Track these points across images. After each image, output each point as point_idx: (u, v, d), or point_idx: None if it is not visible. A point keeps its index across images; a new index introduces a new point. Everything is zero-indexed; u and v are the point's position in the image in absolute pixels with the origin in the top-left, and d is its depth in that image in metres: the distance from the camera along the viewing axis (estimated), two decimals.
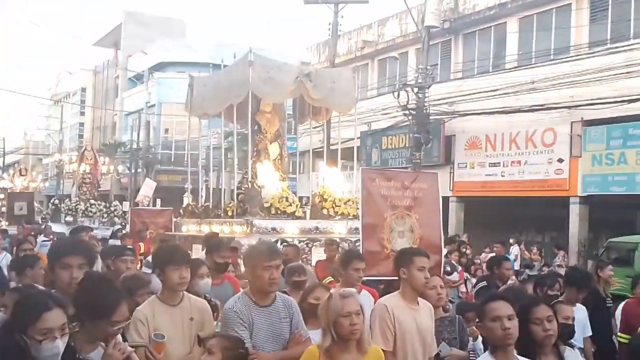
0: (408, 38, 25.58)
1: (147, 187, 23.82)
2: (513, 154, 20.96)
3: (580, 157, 19.06)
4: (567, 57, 19.24)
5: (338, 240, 9.38)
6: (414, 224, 7.54)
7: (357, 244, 9.70)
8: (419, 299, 4.47)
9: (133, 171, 36.75)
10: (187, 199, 13.30)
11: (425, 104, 19.97)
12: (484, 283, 7.49)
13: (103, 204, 21.62)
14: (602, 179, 18.45)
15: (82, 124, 50.55)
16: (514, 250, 18.04)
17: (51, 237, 14.66)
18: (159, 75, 39.73)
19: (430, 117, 20.43)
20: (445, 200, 21.40)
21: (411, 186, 7.64)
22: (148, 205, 23.02)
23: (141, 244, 11.78)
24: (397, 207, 7.48)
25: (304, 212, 10.74)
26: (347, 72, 12.02)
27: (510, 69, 21.10)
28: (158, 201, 28.34)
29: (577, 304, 5.73)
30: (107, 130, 46.39)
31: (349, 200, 10.92)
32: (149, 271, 7.85)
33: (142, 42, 40.98)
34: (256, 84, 10.52)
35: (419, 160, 19.83)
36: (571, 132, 19.23)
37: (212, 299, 4.99)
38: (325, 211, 10.82)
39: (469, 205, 22.32)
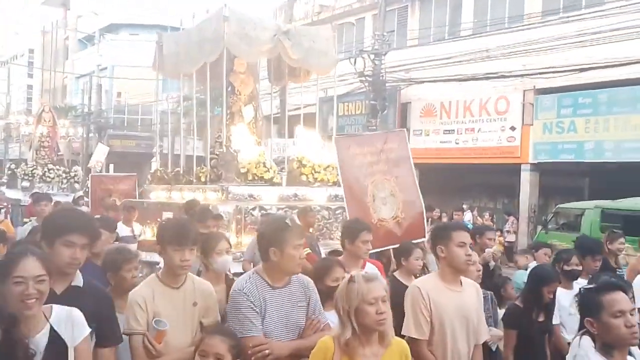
0: (365, 3, 25.45)
1: (100, 152, 23.39)
2: (467, 121, 21.25)
3: (532, 125, 19.45)
4: (521, 26, 19.45)
5: (318, 207, 9.10)
6: (393, 188, 7.24)
7: (337, 212, 9.58)
8: (463, 278, 3.95)
9: (85, 136, 35.95)
10: (155, 164, 12.69)
11: (382, 71, 20.01)
12: None
13: (62, 169, 20.38)
14: (553, 146, 18.90)
15: (30, 87, 49.08)
16: (467, 216, 18.42)
17: (5, 204, 14.16)
18: (111, 37, 38.69)
19: (387, 84, 20.50)
20: None
21: (384, 148, 7.30)
22: (101, 171, 22.63)
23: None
24: (375, 173, 7.17)
25: (281, 179, 10.29)
26: (326, 31, 11.31)
27: (465, 36, 21.24)
28: (111, 166, 27.83)
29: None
30: (57, 93, 45.09)
31: (328, 166, 10.39)
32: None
33: (92, 2, 39.73)
34: (231, 41, 9.82)
35: (375, 127, 19.91)
36: (523, 101, 19.58)
37: (231, 275, 4.50)
38: (304, 177, 10.32)
39: (423, 171, 22.48)
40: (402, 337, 3.59)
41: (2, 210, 13.16)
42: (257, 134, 11.04)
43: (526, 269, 6.44)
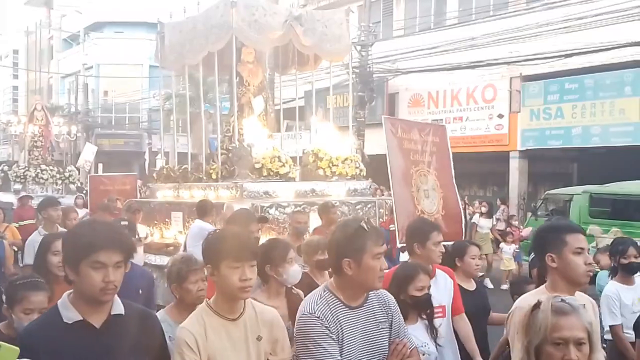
0: None
1: (89, 152, 23.27)
2: (455, 110, 21.27)
3: (519, 112, 19.49)
4: (506, 13, 19.46)
5: (337, 203, 8.50)
6: (435, 182, 6.77)
7: (357, 207, 9.14)
8: (578, 292, 3.10)
9: (73, 135, 35.75)
10: (160, 162, 12.23)
11: (369, 62, 19.98)
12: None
13: (56, 169, 19.53)
14: (540, 133, 18.96)
15: (15, 88, 48.67)
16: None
17: None
18: (96, 35, 38.43)
19: (374, 75, 20.48)
20: None
21: (427, 139, 6.88)
22: (89, 171, 22.50)
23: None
24: (419, 163, 6.71)
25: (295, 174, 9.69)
26: (339, 15, 10.65)
27: (450, 25, 21.23)
28: (100, 166, 27.75)
29: None
30: (43, 93, 44.74)
31: (346, 159, 9.86)
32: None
33: (76, 1, 39.44)
34: (240, 28, 9.18)
35: (363, 119, 19.92)
36: (510, 88, 19.62)
37: (295, 289, 3.95)
38: (320, 172, 9.70)
39: None
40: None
41: None
42: (269, 127, 10.38)
43: (609, 269, 5.65)
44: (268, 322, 2.86)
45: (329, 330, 2.74)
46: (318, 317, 2.76)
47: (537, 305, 2.28)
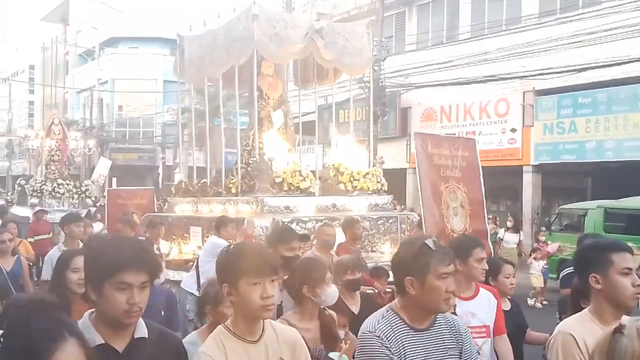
0: (362, 10, 25.51)
1: (103, 166, 23.44)
2: (467, 124, 21.26)
3: (533, 126, 19.45)
4: (518, 28, 19.48)
5: (358, 218, 8.24)
6: (464, 198, 6.58)
7: (379, 222, 9.09)
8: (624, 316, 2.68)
9: (88, 150, 36.10)
10: (179, 176, 12.17)
11: (381, 77, 20.03)
12: (571, 269, 6.45)
13: (72, 183, 19.47)
14: (554, 147, 18.89)
15: (31, 103, 49.26)
16: None
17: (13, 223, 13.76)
18: (111, 50, 38.85)
19: (386, 90, 20.53)
20: (403, 172, 21.62)
21: (457, 154, 6.68)
22: (103, 185, 22.64)
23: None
24: (449, 179, 6.52)
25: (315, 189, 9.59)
26: (360, 28, 10.52)
27: (463, 40, 21.28)
28: (114, 180, 27.92)
29: None
30: (58, 108, 45.21)
31: (367, 174, 9.74)
32: None
33: (92, 17, 39.93)
34: (261, 42, 9.07)
35: (375, 133, 19.92)
36: (523, 102, 19.60)
37: (327, 310, 3.77)
38: (341, 186, 9.58)
39: None
40: None
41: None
42: (289, 141, 10.27)
43: None
44: (290, 344, 2.65)
45: (390, 351, 2.60)
46: (379, 337, 2.63)
47: (618, 330, 1.96)
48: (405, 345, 2.64)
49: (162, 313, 4.04)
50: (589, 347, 2.46)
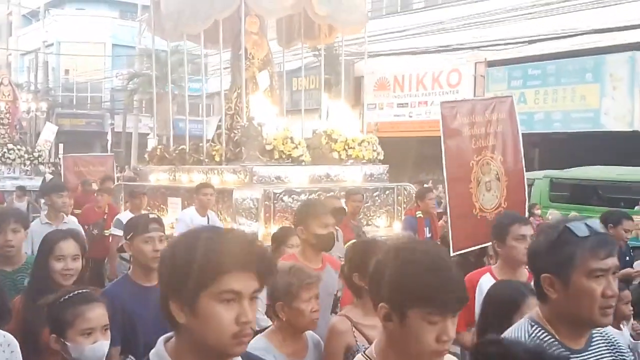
0: None
1: (49, 132, 22.74)
2: (420, 94, 21.40)
3: (484, 97, 19.70)
4: None
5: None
6: (499, 169, 5.78)
7: (374, 194, 8.49)
8: None
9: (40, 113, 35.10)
10: (153, 142, 11.29)
11: (335, 44, 19.90)
12: None
13: (24, 149, 18.04)
14: None
15: None
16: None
17: None
18: (57, 12, 37.53)
19: (340, 58, 20.41)
20: None
21: (491, 117, 5.84)
22: (50, 151, 22.02)
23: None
24: (481, 150, 5.71)
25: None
26: None
27: (417, 9, 21.28)
28: (60, 146, 27.25)
29: None
30: (0, 70, 43.68)
31: (363, 141, 9.07)
32: (120, 233, 6.38)
33: None
34: None
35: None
36: (475, 73, 19.79)
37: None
38: (335, 154, 8.88)
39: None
40: None
41: None
42: (276, 104, 9.43)
43: None
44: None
45: None
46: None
47: None
48: None
49: None
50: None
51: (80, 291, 2.61)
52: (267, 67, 9.48)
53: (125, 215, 7.29)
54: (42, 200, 12.38)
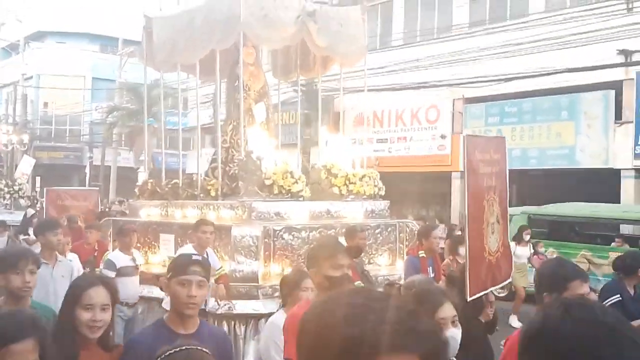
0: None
1: (26, 164, 22.56)
2: (399, 130, 21.58)
3: (462, 133, 19.90)
4: (449, 37, 19.93)
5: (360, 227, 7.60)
6: (498, 210, 5.54)
7: (376, 231, 8.21)
8: None
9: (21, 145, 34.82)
10: (143, 175, 10.93)
11: (315, 80, 20.09)
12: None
13: (4, 182, 17.92)
14: None
15: None
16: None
17: None
18: (37, 45, 37.50)
19: (321, 94, 20.59)
20: None
21: (493, 157, 5.63)
22: (27, 183, 21.80)
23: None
24: (489, 190, 5.45)
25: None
26: (355, 13, 9.48)
27: (396, 46, 21.60)
28: (37, 179, 26.96)
29: None
30: None
31: (364, 176, 8.82)
32: (112, 274, 6.51)
33: (17, 9, 38.44)
34: (249, 24, 7.98)
35: (309, 137, 19.98)
36: (453, 110, 20.05)
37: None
38: (335, 190, 8.59)
39: None
40: None
41: None
42: (273, 138, 9.15)
43: None
44: None
45: None
46: None
47: None
48: None
49: None
50: None
51: (185, 348, 2.34)
52: (263, 99, 9.25)
53: (115, 255, 7.06)
54: (22, 236, 12.21)
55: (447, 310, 2.98)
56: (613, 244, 12.99)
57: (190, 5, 9.68)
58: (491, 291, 5.23)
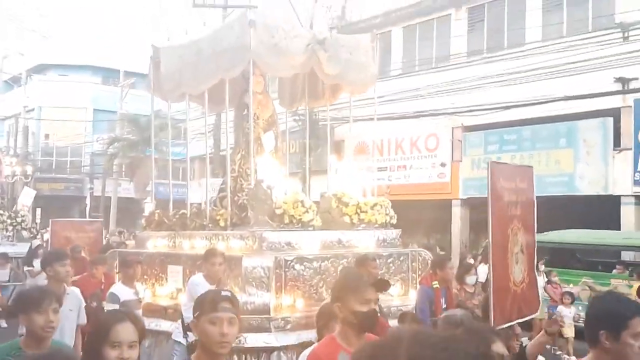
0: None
1: (26, 196, 22.58)
2: (399, 158, 21.66)
3: (461, 161, 19.99)
4: (447, 66, 20.13)
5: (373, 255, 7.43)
6: (522, 241, 5.39)
7: (388, 261, 8.06)
8: None
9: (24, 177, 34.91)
10: (150, 206, 10.49)
11: (315, 110, 20.24)
12: None
13: (7, 213, 17.64)
14: (481, 182, 19.33)
15: None
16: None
17: None
18: (39, 77, 37.83)
19: (320, 123, 20.73)
20: None
21: (519, 186, 5.51)
22: (28, 213, 21.78)
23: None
24: (513, 218, 5.34)
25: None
26: (365, 41, 9.33)
27: (395, 76, 21.80)
28: (38, 210, 26.96)
29: None
30: None
31: (375, 204, 8.70)
32: (115, 307, 6.16)
33: (19, 42, 38.87)
34: (259, 52, 7.82)
35: (310, 166, 20.04)
36: (452, 138, 20.15)
37: None
38: (346, 219, 8.45)
39: None
40: None
41: None
42: (282, 166, 8.95)
43: None
44: None
45: None
46: None
47: None
48: None
49: None
50: None
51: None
52: (272, 127, 9.12)
53: (118, 288, 6.83)
54: (26, 268, 12.11)
55: (500, 349, 2.90)
56: (614, 270, 12.96)
57: (199, 35, 9.61)
58: (517, 324, 5.08)
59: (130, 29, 35.63)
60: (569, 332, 10.54)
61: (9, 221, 17.66)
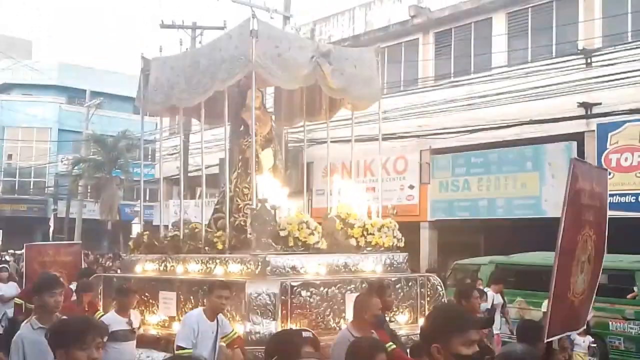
0: None
1: None
2: (368, 180, 21.68)
3: (429, 183, 20.10)
4: (416, 89, 20.31)
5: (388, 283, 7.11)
6: (592, 250, 4.84)
7: (397, 286, 7.57)
8: None
9: None
10: (138, 228, 9.87)
11: (284, 132, 20.21)
12: None
13: None
14: (449, 204, 19.57)
15: None
16: None
17: None
18: (3, 97, 37.17)
19: (289, 145, 20.70)
20: None
21: (595, 190, 4.88)
22: None
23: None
24: (585, 224, 4.79)
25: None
26: (369, 54, 8.92)
27: None
28: None
29: None
30: None
31: (382, 226, 8.30)
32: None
33: None
34: (262, 62, 7.28)
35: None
36: (420, 160, 20.28)
37: None
38: (352, 241, 7.98)
39: None
40: None
41: None
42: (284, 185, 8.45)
43: None
44: None
45: None
46: None
47: None
48: None
49: None
50: None
51: None
52: (270, 144, 8.76)
53: (109, 317, 6.36)
54: None
55: None
56: None
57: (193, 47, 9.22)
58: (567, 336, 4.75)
59: (96, 49, 35.33)
60: None
61: None
